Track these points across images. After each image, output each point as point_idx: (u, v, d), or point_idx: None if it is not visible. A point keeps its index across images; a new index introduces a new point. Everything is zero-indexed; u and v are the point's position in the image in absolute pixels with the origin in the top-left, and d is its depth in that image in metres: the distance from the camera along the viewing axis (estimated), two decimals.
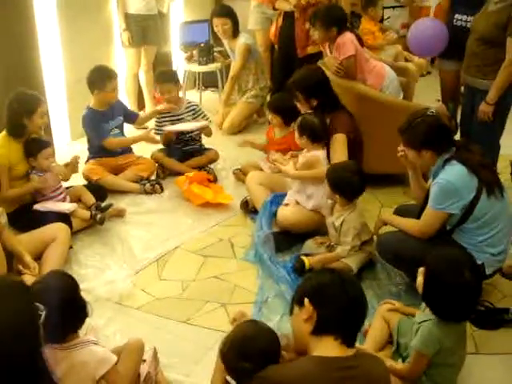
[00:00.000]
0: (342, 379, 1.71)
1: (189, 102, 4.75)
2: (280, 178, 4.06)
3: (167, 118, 4.62)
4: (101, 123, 4.35)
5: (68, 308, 1.98)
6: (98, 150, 4.40)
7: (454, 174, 2.88)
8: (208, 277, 3.37)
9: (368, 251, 3.37)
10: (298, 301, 1.90)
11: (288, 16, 5.41)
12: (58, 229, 3.34)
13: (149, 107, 5.90)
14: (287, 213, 3.68)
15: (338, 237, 3.35)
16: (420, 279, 2.36)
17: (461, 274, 2.23)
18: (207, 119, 4.72)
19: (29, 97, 3.61)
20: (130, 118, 4.70)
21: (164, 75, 4.71)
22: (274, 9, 5.62)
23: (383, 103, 4.20)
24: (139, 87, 5.94)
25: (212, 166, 4.71)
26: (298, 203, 3.68)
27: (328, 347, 1.78)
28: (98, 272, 3.33)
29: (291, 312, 1.98)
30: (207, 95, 6.84)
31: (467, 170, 2.87)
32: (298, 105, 3.83)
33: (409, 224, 3.13)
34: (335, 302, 1.83)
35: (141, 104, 5.99)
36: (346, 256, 3.30)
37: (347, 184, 3.26)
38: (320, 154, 3.60)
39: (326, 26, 4.31)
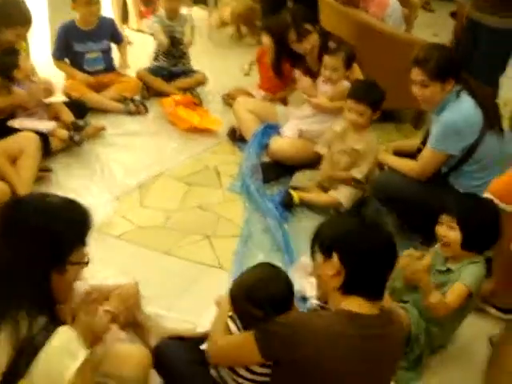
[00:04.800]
0: (367, 338, 1.61)
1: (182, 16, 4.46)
2: (272, 106, 3.87)
3: (162, 24, 4.29)
4: (72, 41, 4.07)
5: None
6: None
7: (461, 111, 2.74)
8: (192, 206, 3.24)
9: (362, 188, 3.25)
10: (324, 250, 1.70)
11: None
12: (25, 139, 3.09)
13: (133, 22, 5.56)
14: (284, 143, 3.52)
15: (348, 164, 3.21)
16: (454, 233, 2.27)
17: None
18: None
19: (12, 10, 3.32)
20: (115, 39, 4.36)
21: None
22: None
23: (384, 34, 3.97)
24: None
25: (198, 89, 4.47)
26: (300, 135, 3.52)
27: (355, 305, 1.64)
28: (77, 197, 3.13)
29: (313, 257, 1.78)
30: (195, 13, 6.41)
31: (475, 104, 2.74)
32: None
33: (406, 164, 3.01)
34: (368, 261, 1.64)
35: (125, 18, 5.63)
36: (339, 190, 3.20)
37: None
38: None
39: None
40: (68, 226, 1.52)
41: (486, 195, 2.46)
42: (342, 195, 3.21)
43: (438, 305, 2.20)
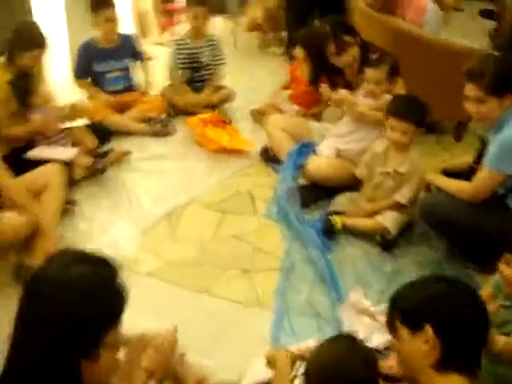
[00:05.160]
0: None
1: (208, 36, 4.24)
2: (305, 122, 3.63)
3: (185, 51, 4.12)
4: (93, 61, 3.88)
5: None
6: None
7: None
8: (226, 237, 2.99)
9: (408, 213, 2.99)
10: (411, 322, 1.46)
11: None
12: (49, 172, 2.85)
13: (154, 36, 5.37)
14: (322, 163, 3.27)
15: (391, 187, 2.97)
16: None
17: None
18: (222, 60, 4.22)
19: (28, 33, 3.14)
20: (136, 56, 4.15)
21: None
22: None
23: (423, 42, 3.70)
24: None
25: (226, 105, 4.25)
26: (338, 154, 3.27)
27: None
28: (102, 230, 2.95)
29: (392, 330, 1.52)
30: (219, 24, 6.17)
31: None
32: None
33: (457, 185, 2.75)
34: (467, 330, 1.41)
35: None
36: (384, 214, 2.95)
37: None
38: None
39: None
40: (101, 304, 1.29)
41: None
42: (388, 220, 2.95)
43: (505, 347, 1.93)
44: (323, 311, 2.52)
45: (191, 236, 2.98)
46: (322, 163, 3.28)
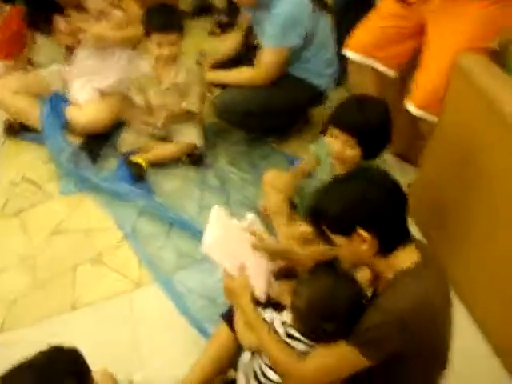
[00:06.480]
0: (440, 274, 1.50)
1: None
2: (35, 74, 3.09)
3: None
4: None
5: None
6: None
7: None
8: (44, 236, 2.56)
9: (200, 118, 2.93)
10: (341, 230, 1.47)
11: None
12: None
13: None
14: (86, 111, 2.89)
15: (175, 104, 2.81)
16: (352, 151, 1.97)
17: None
18: None
19: None
20: None
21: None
22: None
23: None
24: None
25: None
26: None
27: (406, 259, 1.47)
28: None
29: (326, 241, 1.53)
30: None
31: None
32: None
33: (244, 75, 2.78)
34: (391, 209, 1.46)
35: None
36: (184, 132, 2.86)
37: None
38: None
39: None
40: None
41: (412, 110, 2.28)
42: (192, 136, 2.85)
43: None
44: (200, 256, 2.43)
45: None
46: (87, 111, 2.90)
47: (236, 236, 1.86)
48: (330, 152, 1.96)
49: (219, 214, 1.84)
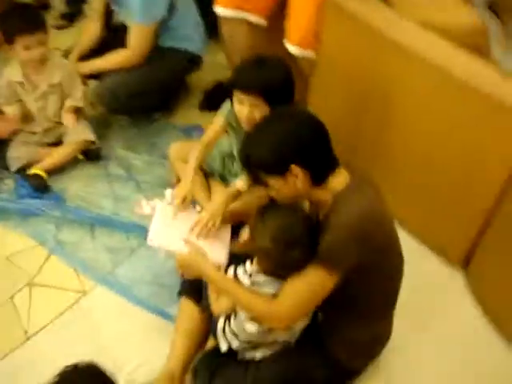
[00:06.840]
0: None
1: None
2: None
3: None
4: None
5: None
6: None
7: None
8: None
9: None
10: (275, 171, 1.58)
11: None
12: None
13: None
14: None
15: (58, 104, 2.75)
16: (259, 111, 1.99)
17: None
18: None
19: None
20: None
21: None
22: None
23: None
24: None
25: None
26: None
27: (340, 182, 1.61)
28: None
29: (260, 183, 1.65)
30: None
31: None
32: None
33: (117, 59, 2.75)
34: (316, 142, 1.59)
35: None
36: (71, 133, 2.77)
37: None
38: None
39: None
40: None
41: (290, 48, 2.37)
42: (85, 132, 2.78)
43: None
44: (133, 246, 2.49)
45: None
46: None
47: (182, 218, 1.95)
48: (240, 118, 2.00)
49: (162, 206, 1.93)
